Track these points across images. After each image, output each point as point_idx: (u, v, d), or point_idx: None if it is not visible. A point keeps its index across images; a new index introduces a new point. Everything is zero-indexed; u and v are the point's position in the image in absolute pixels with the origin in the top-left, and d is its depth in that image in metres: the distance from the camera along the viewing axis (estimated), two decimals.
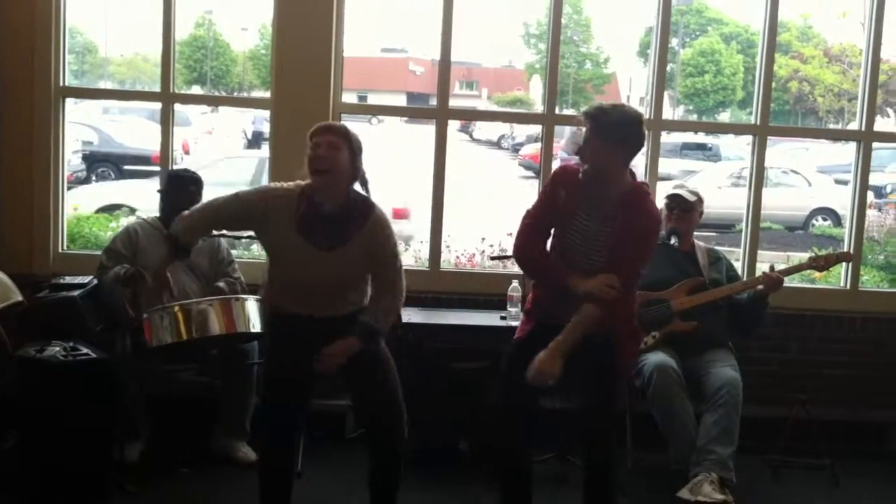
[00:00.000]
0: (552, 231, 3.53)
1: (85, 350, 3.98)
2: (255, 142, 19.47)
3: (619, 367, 3.54)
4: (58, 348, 3.94)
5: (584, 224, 3.43)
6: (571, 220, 3.44)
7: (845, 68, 19.13)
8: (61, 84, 5.16)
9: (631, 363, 3.78)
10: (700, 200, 4.75)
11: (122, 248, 4.50)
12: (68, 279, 4.62)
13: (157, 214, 4.69)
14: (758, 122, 5.33)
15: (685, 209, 4.69)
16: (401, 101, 30.09)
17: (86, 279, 4.62)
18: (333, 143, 3.34)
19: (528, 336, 3.56)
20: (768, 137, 5.38)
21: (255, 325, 3.96)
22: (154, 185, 4.93)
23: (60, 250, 5.26)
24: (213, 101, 21.52)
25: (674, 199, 4.70)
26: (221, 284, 4.56)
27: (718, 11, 29.05)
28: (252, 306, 3.99)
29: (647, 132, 5.23)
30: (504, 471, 3.71)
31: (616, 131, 3.32)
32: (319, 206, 3.38)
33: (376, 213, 3.44)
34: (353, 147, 3.39)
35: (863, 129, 5.39)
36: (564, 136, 14.00)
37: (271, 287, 3.52)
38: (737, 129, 10.45)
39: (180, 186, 4.59)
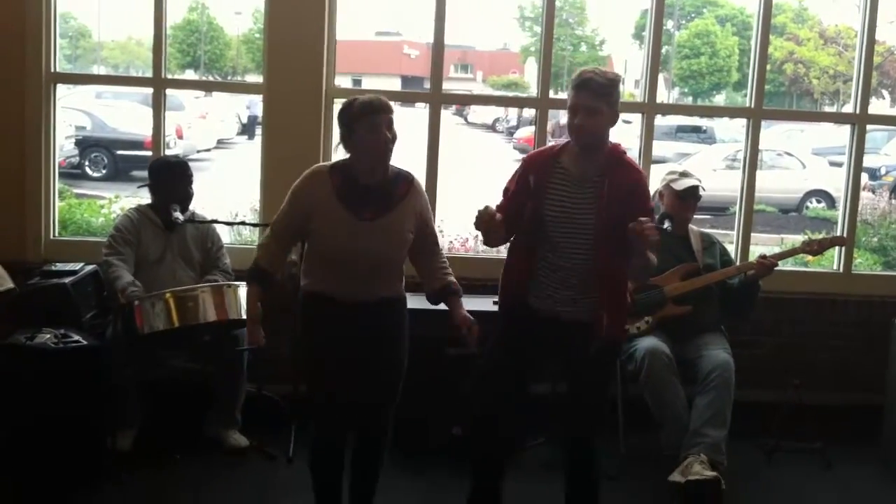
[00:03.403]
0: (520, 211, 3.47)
1: (76, 337, 3.97)
2: (250, 126, 19.41)
3: (602, 349, 3.42)
4: (49, 335, 3.93)
5: (563, 194, 3.38)
6: (545, 196, 3.39)
7: (840, 50, 19.10)
8: (52, 70, 5.13)
9: (620, 339, 3.64)
10: None
11: (128, 234, 4.46)
12: (59, 266, 4.61)
13: (149, 202, 4.66)
14: (752, 106, 5.32)
15: (698, 198, 4.69)
16: (395, 84, 29.95)
17: (77, 266, 4.61)
18: (391, 120, 3.34)
19: (506, 324, 3.59)
20: (763, 120, 5.37)
21: None
22: None
23: (52, 237, 5.24)
24: (205, 87, 21.31)
25: (690, 191, 4.65)
26: (217, 277, 4.54)
27: None
28: (244, 293, 3.97)
29: (641, 115, 5.31)
30: (480, 459, 3.69)
31: (612, 92, 3.30)
32: (355, 178, 3.37)
33: (416, 181, 3.50)
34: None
35: (857, 111, 5.39)
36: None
37: (311, 272, 3.49)
38: (731, 112, 10.42)
39: (172, 174, 4.56)
